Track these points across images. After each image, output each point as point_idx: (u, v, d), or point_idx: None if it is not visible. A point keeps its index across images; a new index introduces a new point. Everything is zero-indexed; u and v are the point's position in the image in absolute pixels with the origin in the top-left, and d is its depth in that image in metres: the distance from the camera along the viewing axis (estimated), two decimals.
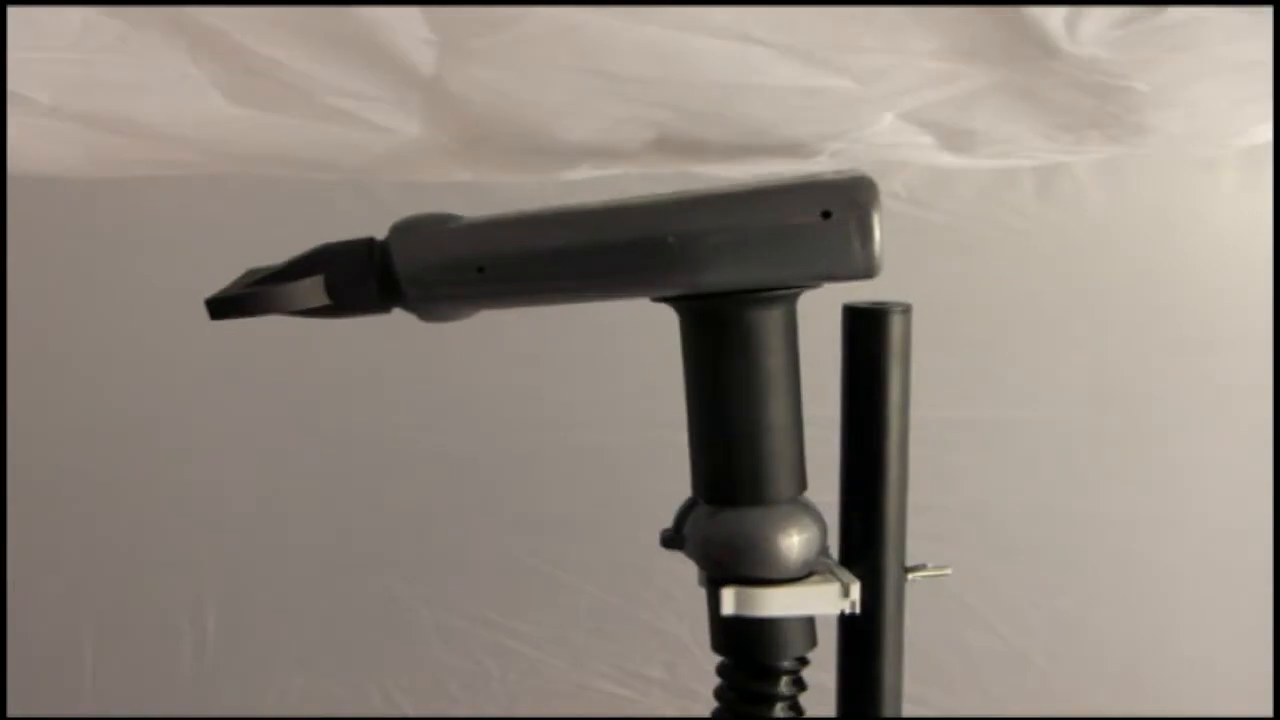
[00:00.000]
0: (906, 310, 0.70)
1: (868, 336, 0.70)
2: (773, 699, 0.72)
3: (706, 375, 0.69)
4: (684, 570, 1.44)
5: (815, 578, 0.70)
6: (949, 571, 0.73)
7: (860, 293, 0.70)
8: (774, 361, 0.68)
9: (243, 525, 1.46)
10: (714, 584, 0.71)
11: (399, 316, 0.74)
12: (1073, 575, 1.45)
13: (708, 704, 1.51)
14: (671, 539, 0.74)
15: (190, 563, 1.48)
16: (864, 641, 0.73)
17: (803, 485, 0.71)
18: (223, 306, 0.68)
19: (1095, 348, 1.39)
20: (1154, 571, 1.45)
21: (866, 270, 0.63)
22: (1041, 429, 1.41)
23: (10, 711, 1.50)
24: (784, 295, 0.66)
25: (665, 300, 0.68)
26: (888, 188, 1.34)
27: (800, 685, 0.73)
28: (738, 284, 0.65)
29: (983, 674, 1.48)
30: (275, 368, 1.41)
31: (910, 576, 0.73)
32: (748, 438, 0.68)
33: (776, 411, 0.68)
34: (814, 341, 0.71)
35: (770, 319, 0.67)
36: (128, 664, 1.52)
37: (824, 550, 0.71)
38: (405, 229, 0.70)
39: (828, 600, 0.70)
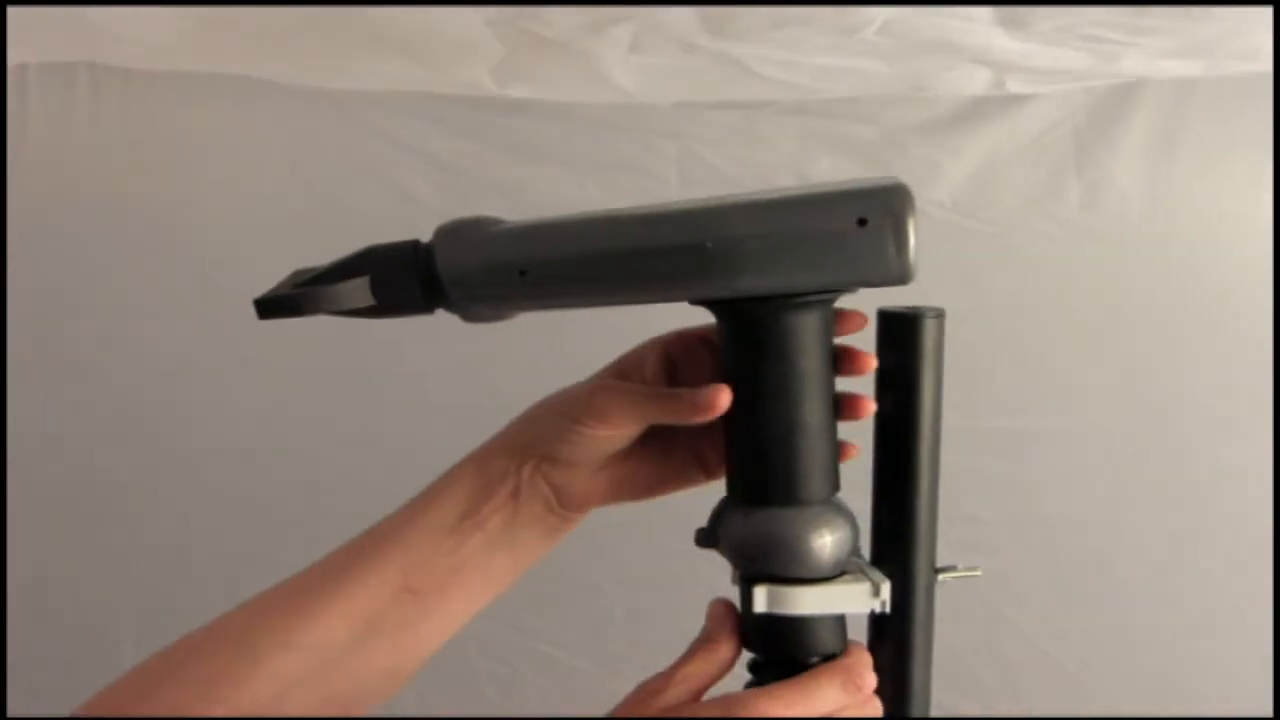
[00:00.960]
0: (940, 315, 0.70)
1: (901, 340, 0.70)
2: None
3: (743, 377, 0.70)
4: (719, 577, 1.45)
5: (846, 577, 0.70)
6: (979, 572, 0.74)
7: (897, 298, 0.71)
8: (809, 364, 0.68)
9: (281, 526, 1.47)
10: (746, 582, 0.71)
11: (436, 322, 0.75)
12: (1110, 584, 1.45)
13: None
14: (707, 538, 0.74)
15: (229, 563, 1.50)
16: (894, 641, 0.74)
17: (835, 486, 0.71)
18: (270, 307, 0.70)
19: (1136, 358, 1.39)
20: (1191, 580, 1.44)
21: (901, 276, 0.64)
22: (1080, 439, 1.41)
23: (51, 710, 1.52)
24: (820, 300, 0.67)
25: (703, 303, 0.69)
26: (931, 196, 1.34)
27: None
28: (775, 289, 0.65)
29: (1017, 683, 1.48)
30: (313, 370, 1.43)
31: (940, 577, 0.73)
32: (782, 439, 0.69)
33: (811, 413, 0.69)
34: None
35: (807, 322, 0.68)
36: None
37: (855, 550, 0.72)
38: (449, 232, 0.71)
39: (858, 599, 0.70)
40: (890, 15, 1.07)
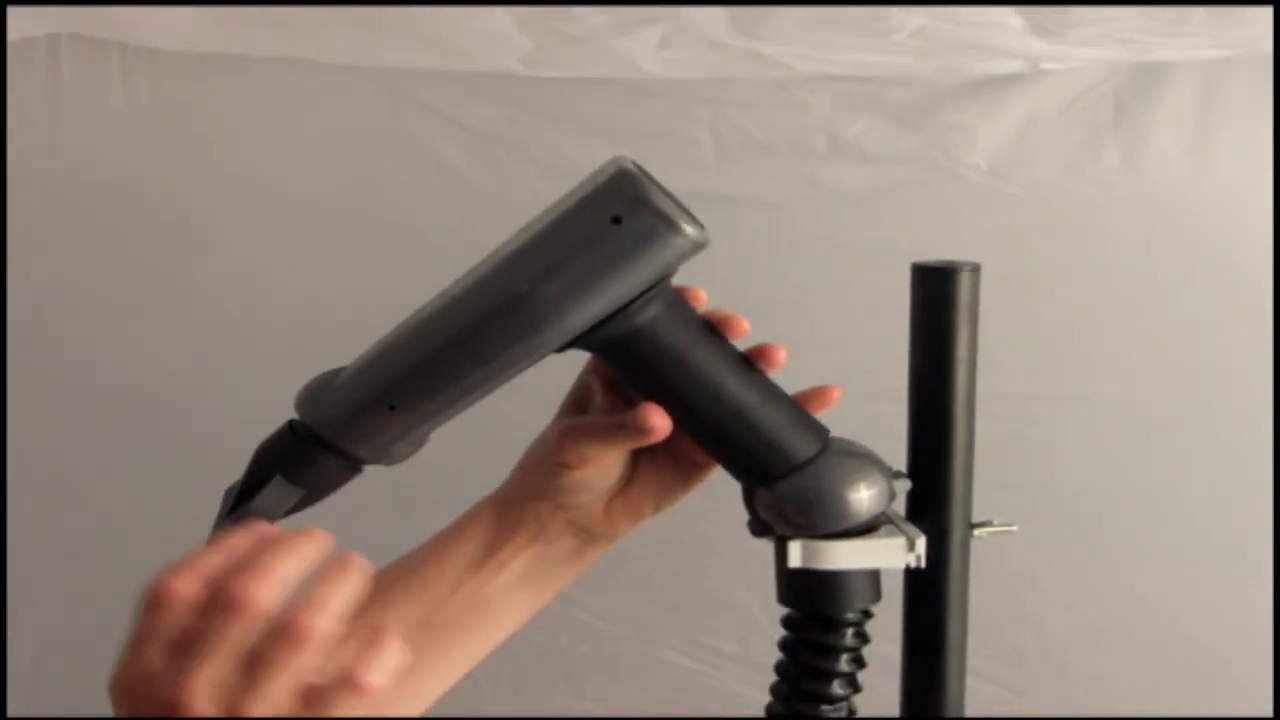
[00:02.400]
0: (975, 269, 0.70)
1: (936, 294, 0.70)
2: (837, 650, 0.72)
3: (656, 393, 0.69)
4: (758, 543, 1.44)
5: (882, 530, 0.70)
6: (1014, 528, 0.74)
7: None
8: (695, 354, 0.67)
9: (349, 509, 1.48)
10: (781, 539, 0.71)
11: None
12: (1150, 553, 1.44)
13: None
14: (759, 528, 0.74)
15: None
16: (929, 596, 0.74)
17: (822, 430, 0.71)
18: None
19: (1172, 324, 1.38)
20: (1232, 551, 1.43)
21: (695, 245, 0.62)
22: (1121, 405, 1.40)
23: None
24: (652, 296, 0.65)
25: (568, 348, 0.67)
26: (967, 159, 1.33)
27: (864, 638, 0.73)
28: (599, 312, 0.64)
29: (1057, 651, 1.47)
30: (355, 346, 1.44)
31: (976, 532, 0.73)
32: (735, 426, 0.68)
33: (738, 390, 0.68)
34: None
35: (659, 322, 0.66)
36: None
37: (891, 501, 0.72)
38: (306, 402, 0.71)
39: (893, 553, 0.70)
40: (922, 22, 1.07)
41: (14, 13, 1.27)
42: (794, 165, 1.35)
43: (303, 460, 0.71)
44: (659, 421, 0.67)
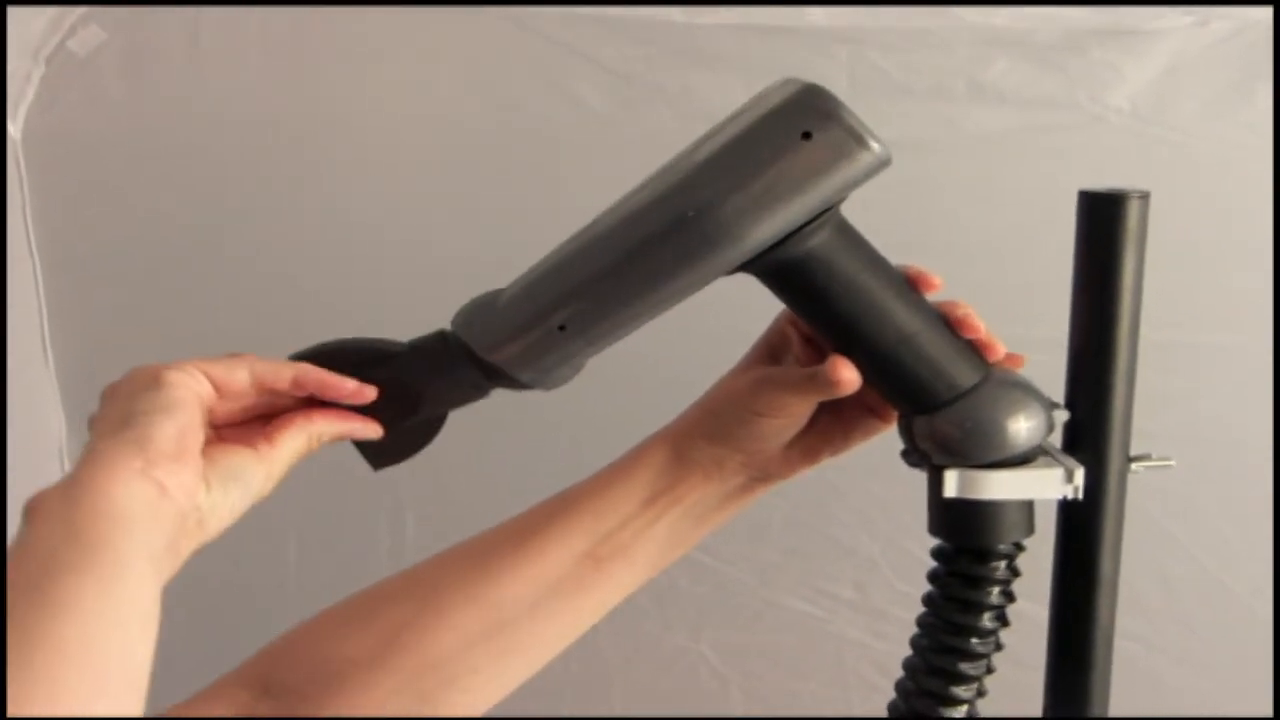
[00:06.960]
0: (1145, 196, 0.69)
1: (1103, 221, 0.69)
2: (989, 582, 0.72)
3: (822, 317, 0.69)
4: (880, 490, 1.44)
5: (1039, 461, 0.70)
6: (1172, 463, 0.73)
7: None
8: (865, 279, 0.68)
9: (447, 442, 1.51)
10: (936, 468, 0.71)
11: None
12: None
13: (897, 625, 1.51)
14: (916, 457, 0.73)
15: (393, 474, 1.54)
16: (1083, 529, 0.73)
17: (983, 362, 0.70)
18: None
19: None
20: None
21: (880, 162, 0.63)
22: (1249, 355, 1.36)
23: (230, 592, 1.57)
24: (827, 218, 0.65)
25: (738, 271, 0.68)
26: (1110, 101, 1.30)
27: (1015, 571, 0.73)
28: (780, 230, 0.64)
29: (1183, 604, 1.45)
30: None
31: (1134, 466, 0.73)
32: (903, 349, 0.69)
33: (905, 316, 0.68)
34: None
35: (830, 246, 0.67)
36: (327, 561, 1.60)
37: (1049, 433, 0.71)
38: (467, 322, 0.72)
39: (1051, 484, 0.70)
40: None
41: None
42: (932, 106, 1.33)
43: (442, 367, 0.73)
44: (848, 375, 0.69)
